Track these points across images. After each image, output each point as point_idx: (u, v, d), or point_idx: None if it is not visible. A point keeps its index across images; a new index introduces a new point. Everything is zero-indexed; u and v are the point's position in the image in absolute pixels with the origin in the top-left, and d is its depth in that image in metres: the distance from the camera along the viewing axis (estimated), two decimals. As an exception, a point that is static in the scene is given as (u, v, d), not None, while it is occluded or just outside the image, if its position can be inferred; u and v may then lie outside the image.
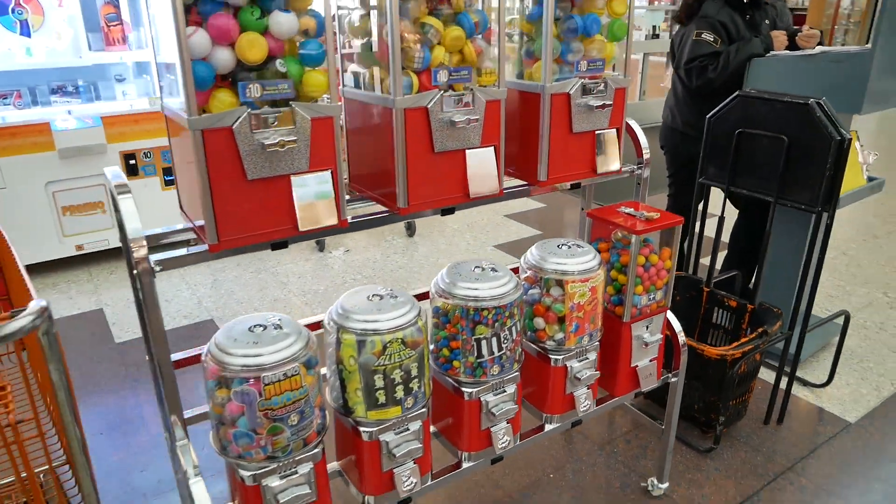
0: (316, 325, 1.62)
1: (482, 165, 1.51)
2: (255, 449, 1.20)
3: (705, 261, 3.49)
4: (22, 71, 3.83)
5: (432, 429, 1.66)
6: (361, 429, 1.36)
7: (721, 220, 2.58)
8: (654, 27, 7.77)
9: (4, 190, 3.62)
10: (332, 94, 1.26)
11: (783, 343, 2.47)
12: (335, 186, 1.32)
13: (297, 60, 1.23)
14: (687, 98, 3.04)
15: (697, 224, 2.60)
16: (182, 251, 1.30)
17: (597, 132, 1.72)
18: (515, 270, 1.68)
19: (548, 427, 1.73)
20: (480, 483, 2.23)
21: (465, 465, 1.58)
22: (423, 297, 1.70)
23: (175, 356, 1.52)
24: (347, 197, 1.51)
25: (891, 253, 4.29)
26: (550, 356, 1.65)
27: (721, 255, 3.13)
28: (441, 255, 4.40)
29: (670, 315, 1.90)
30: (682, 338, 1.93)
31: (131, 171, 3.98)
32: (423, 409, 1.41)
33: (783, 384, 2.50)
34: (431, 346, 1.55)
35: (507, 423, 1.58)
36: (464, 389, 1.50)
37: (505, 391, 1.54)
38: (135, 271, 1.19)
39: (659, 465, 2.14)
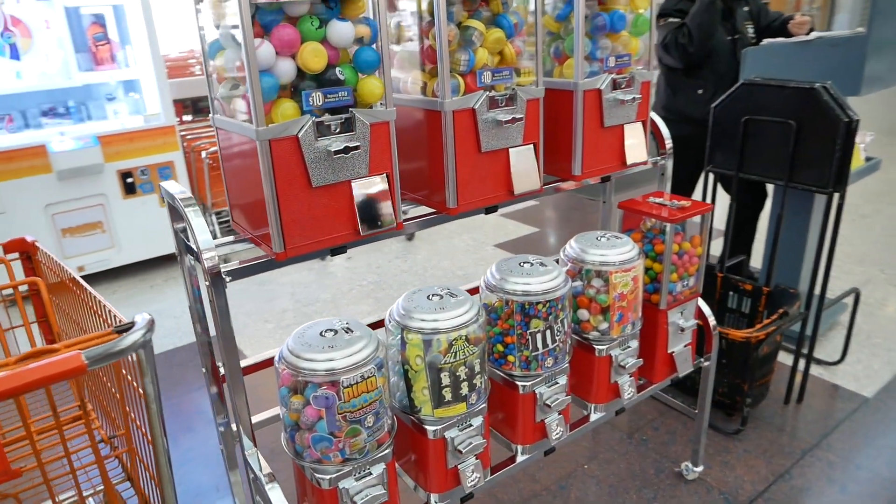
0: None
1: (525, 163, 1.54)
2: (333, 452, 1.21)
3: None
4: (12, 94, 3.79)
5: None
6: (427, 427, 1.37)
7: (731, 207, 2.64)
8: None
9: (4, 214, 3.57)
10: (386, 99, 1.28)
11: (800, 323, 2.54)
12: (391, 190, 1.34)
13: (352, 68, 1.25)
14: (661, 83, 3.21)
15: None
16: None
17: (625, 125, 1.76)
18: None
19: (593, 417, 1.76)
20: (517, 478, 2.26)
21: (519, 458, 1.61)
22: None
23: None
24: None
25: (880, 231, 4.42)
26: (595, 346, 1.68)
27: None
28: (441, 257, 4.42)
29: (700, 301, 1.95)
30: (713, 322, 1.97)
31: (129, 189, 3.94)
32: (485, 405, 1.44)
33: (801, 364, 2.57)
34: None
35: (560, 413, 1.61)
36: (518, 383, 1.53)
37: (557, 383, 1.57)
38: (206, 282, 1.20)
39: (693, 448, 2.19)
